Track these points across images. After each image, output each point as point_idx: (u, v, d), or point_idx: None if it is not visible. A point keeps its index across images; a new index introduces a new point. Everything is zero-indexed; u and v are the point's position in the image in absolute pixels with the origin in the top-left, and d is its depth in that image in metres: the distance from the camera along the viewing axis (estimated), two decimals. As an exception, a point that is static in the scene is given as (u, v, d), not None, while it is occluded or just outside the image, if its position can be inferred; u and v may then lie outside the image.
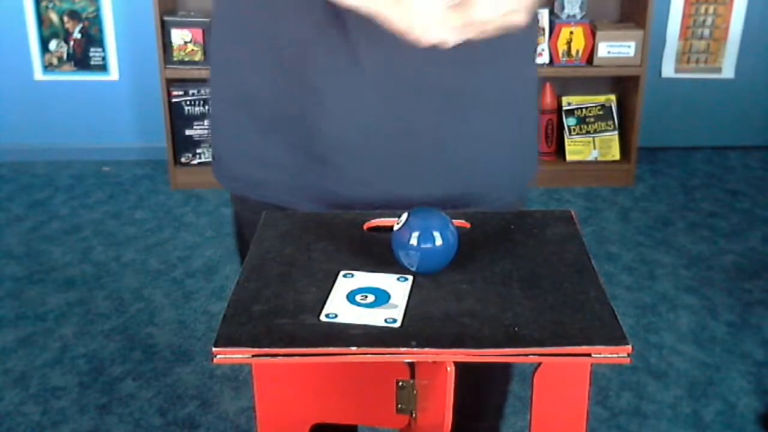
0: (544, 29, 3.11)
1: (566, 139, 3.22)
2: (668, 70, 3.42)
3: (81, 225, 2.87)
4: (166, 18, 2.99)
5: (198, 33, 3.00)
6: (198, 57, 3.03)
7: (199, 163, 3.14)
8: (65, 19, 3.24)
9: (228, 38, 0.88)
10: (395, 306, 0.63)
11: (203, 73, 3.06)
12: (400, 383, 0.70)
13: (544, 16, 3.12)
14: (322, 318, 0.62)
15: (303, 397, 0.69)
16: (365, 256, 0.71)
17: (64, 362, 2.11)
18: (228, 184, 0.95)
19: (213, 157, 0.96)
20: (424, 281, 0.67)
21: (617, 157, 3.23)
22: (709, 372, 2.09)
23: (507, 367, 1.11)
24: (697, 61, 3.41)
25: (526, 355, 0.58)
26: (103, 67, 3.31)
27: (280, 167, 0.87)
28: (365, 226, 0.76)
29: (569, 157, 3.22)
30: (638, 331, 2.25)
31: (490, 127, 0.86)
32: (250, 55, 0.85)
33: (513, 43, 0.84)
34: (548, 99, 3.20)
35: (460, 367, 0.59)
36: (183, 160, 3.15)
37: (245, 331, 0.60)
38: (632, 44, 3.04)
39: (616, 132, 3.22)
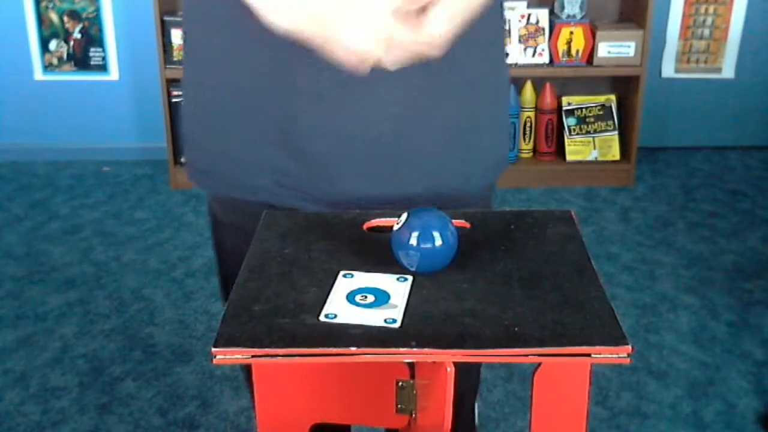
0: (544, 29, 3.11)
1: (566, 139, 3.22)
2: (668, 70, 3.42)
3: (81, 225, 2.87)
4: (166, 18, 2.99)
5: (198, 33, 3.00)
6: (198, 57, 3.02)
7: (199, 163, 3.14)
8: (65, 19, 3.24)
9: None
10: (395, 306, 0.63)
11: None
12: (400, 383, 0.70)
13: (544, 16, 3.12)
14: (322, 318, 0.62)
15: (303, 397, 0.69)
16: (365, 256, 0.71)
17: (64, 362, 2.11)
18: (208, 185, 0.94)
19: (188, 159, 0.95)
20: (424, 281, 0.67)
21: (617, 157, 3.23)
22: (709, 372, 2.09)
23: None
24: (697, 61, 3.41)
25: (526, 355, 0.58)
26: (103, 67, 3.31)
27: (261, 164, 0.87)
28: (365, 226, 0.76)
29: (569, 157, 3.23)
30: (638, 331, 2.25)
31: (451, 127, 0.87)
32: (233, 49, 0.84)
33: (475, 46, 0.84)
34: (548, 99, 3.20)
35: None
36: (183, 160, 3.14)
37: (245, 331, 0.60)
38: (632, 44, 3.04)
39: (616, 132, 3.22)
